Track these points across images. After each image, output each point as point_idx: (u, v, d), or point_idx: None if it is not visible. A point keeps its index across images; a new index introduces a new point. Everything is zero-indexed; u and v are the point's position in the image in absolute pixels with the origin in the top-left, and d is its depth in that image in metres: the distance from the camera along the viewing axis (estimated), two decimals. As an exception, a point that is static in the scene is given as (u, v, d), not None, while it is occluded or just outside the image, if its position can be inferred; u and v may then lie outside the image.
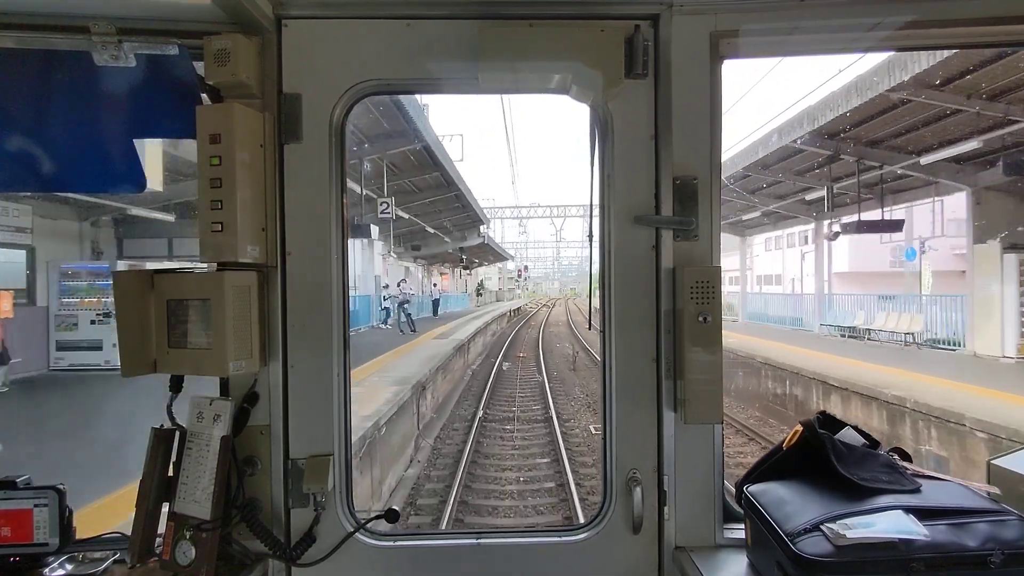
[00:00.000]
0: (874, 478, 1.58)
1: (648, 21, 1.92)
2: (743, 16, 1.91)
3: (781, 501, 1.60)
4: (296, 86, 1.92)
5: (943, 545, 1.39)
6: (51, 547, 1.82)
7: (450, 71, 1.97)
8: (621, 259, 1.97)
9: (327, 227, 1.94)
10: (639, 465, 1.96)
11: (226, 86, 1.84)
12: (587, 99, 1.95)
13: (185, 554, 1.72)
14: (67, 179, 2.09)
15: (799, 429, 1.73)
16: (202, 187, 1.74)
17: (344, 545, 1.95)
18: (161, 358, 1.79)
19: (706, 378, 1.86)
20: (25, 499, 1.83)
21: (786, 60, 9.94)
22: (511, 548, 2.00)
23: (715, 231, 1.95)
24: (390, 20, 1.93)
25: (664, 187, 1.93)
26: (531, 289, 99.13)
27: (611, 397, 1.98)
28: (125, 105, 1.94)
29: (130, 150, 1.96)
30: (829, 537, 1.41)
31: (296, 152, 1.92)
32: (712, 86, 1.93)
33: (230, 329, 1.72)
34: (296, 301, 1.94)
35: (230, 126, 1.74)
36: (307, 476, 1.91)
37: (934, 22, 1.90)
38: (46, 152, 1.97)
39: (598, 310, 2.11)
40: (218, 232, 1.74)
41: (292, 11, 1.91)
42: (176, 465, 1.81)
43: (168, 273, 1.80)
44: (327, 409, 1.95)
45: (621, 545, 1.97)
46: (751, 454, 11.92)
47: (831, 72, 50.37)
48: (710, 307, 1.85)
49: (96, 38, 1.78)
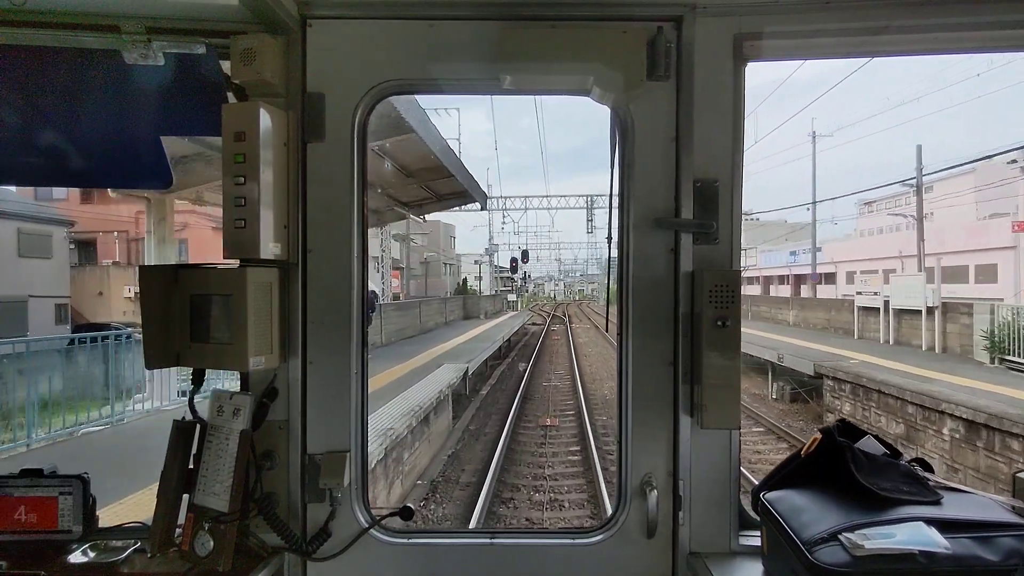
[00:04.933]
0: (894, 488, 1.55)
1: (671, 23, 1.91)
2: (768, 18, 1.89)
3: (798, 509, 1.58)
4: (320, 85, 1.94)
5: (964, 558, 1.36)
6: (74, 534, 1.87)
7: (472, 71, 1.98)
8: (640, 261, 1.96)
9: (348, 225, 1.96)
10: (654, 469, 1.95)
11: (251, 85, 1.87)
12: (608, 101, 1.95)
13: (204, 545, 1.75)
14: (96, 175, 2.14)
15: (818, 437, 1.71)
16: (226, 184, 1.77)
17: (359, 541, 1.96)
18: (184, 351, 1.82)
19: (724, 383, 1.85)
20: (51, 487, 1.88)
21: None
22: (524, 549, 2.00)
23: (735, 234, 1.94)
24: (413, 21, 1.94)
25: (684, 190, 1.92)
26: (531, 290, 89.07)
27: (627, 400, 1.97)
28: (153, 103, 1.98)
29: (157, 147, 2.00)
30: (847, 547, 1.39)
31: (318, 151, 1.94)
32: (735, 88, 1.92)
33: (251, 325, 1.75)
34: (316, 298, 1.96)
35: (254, 124, 1.76)
36: (324, 472, 1.93)
37: (965, 25, 1.87)
38: (76, 148, 2.01)
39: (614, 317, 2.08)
40: (241, 229, 1.76)
41: (317, 11, 1.93)
42: (196, 458, 1.84)
43: (192, 268, 1.83)
44: (344, 406, 1.97)
45: (635, 549, 1.96)
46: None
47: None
48: (729, 311, 1.84)
49: (126, 37, 1.82)
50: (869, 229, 54.64)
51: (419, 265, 50.71)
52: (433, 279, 54.48)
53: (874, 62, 13.60)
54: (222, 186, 1.78)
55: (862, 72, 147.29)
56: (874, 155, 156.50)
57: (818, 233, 37.57)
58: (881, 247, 40.91)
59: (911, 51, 2.02)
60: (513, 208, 47.52)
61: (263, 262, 1.82)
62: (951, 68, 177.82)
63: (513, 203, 47.24)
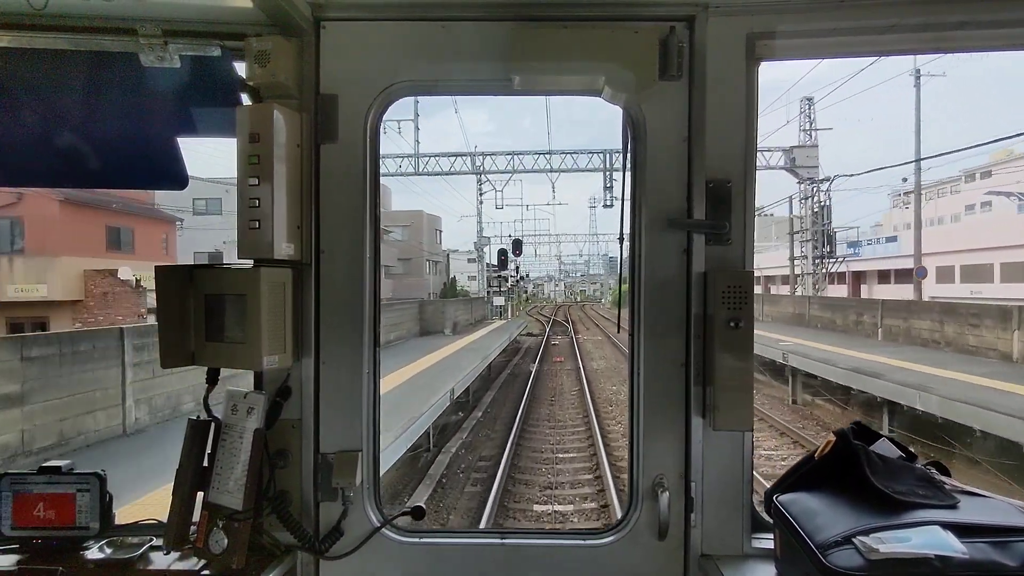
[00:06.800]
0: (910, 491, 1.53)
1: (683, 22, 1.90)
2: (781, 17, 1.88)
3: (812, 512, 1.57)
4: (333, 87, 1.95)
5: (982, 564, 1.34)
6: (92, 531, 1.89)
7: (484, 72, 1.99)
8: (652, 262, 1.95)
9: (360, 226, 1.97)
10: (666, 471, 1.94)
11: (265, 87, 1.89)
12: (620, 101, 1.95)
13: (218, 542, 1.76)
14: (113, 176, 2.17)
15: (832, 439, 1.69)
16: (241, 185, 1.79)
17: (371, 540, 1.97)
18: (199, 351, 1.84)
19: (737, 384, 1.84)
20: (68, 484, 1.90)
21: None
22: (536, 549, 2.00)
23: (748, 235, 1.93)
24: (425, 22, 1.95)
25: (697, 190, 1.91)
26: (531, 291, 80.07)
27: (639, 401, 1.97)
28: (169, 105, 2.01)
29: (173, 148, 2.03)
30: (861, 551, 1.38)
31: (331, 152, 1.96)
32: (748, 88, 1.91)
33: (265, 324, 1.76)
34: (329, 298, 1.97)
35: (268, 126, 1.77)
36: (336, 471, 1.94)
37: (983, 23, 1.84)
38: (94, 150, 2.04)
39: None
40: (255, 229, 1.78)
41: (330, 13, 1.94)
42: (211, 456, 1.86)
43: (207, 268, 1.85)
44: (357, 405, 1.98)
45: (646, 551, 1.95)
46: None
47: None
48: (742, 312, 1.82)
49: (143, 40, 1.84)
50: (953, 213, 43.79)
51: (397, 263, 44.40)
52: (415, 278, 45.79)
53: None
54: (236, 187, 1.79)
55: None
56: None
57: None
58: (991, 233, 30.50)
59: (924, 49, 2.01)
60: (495, 172, 33.67)
61: (277, 262, 1.83)
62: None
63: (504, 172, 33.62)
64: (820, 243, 31.95)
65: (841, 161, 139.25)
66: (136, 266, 25.73)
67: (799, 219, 33.48)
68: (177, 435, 1.85)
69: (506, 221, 55.32)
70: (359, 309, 1.98)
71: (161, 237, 32.52)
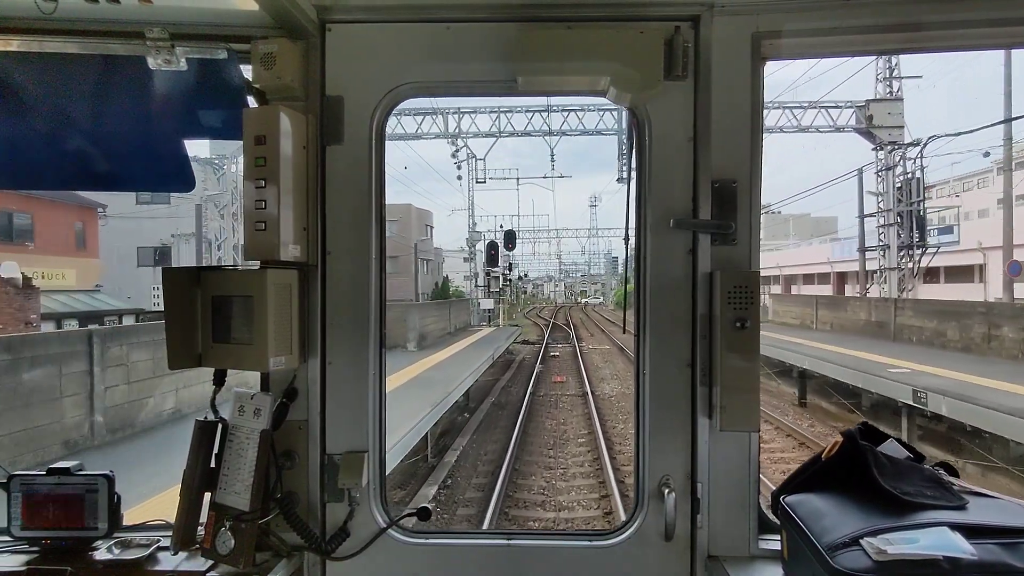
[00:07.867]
0: (918, 492, 1.52)
1: (688, 22, 1.90)
2: (786, 16, 1.87)
3: (819, 513, 1.56)
4: (338, 89, 1.96)
5: (991, 565, 1.33)
6: (100, 531, 1.90)
7: (489, 73, 1.99)
8: (657, 262, 1.95)
9: (366, 227, 1.98)
10: (672, 471, 1.94)
11: (271, 89, 1.90)
12: (625, 101, 1.95)
13: (225, 543, 1.77)
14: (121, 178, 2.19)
15: (839, 440, 1.69)
16: (247, 187, 1.79)
17: (377, 541, 1.98)
18: (206, 352, 1.85)
19: (743, 384, 1.83)
20: (77, 485, 1.91)
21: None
22: (541, 551, 2.00)
23: (754, 235, 1.92)
24: (431, 24, 1.95)
25: (702, 190, 1.91)
26: (530, 291, 78.20)
27: (644, 401, 1.97)
28: (176, 107, 2.02)
29: (180, 151, 2.04)
30: (869, 552, 1.37)
31: (337, 153, 1.96)
32: (753, 88, 1.90)
33: (271, 326, 1.77)
34: (335, 299, 1.98)
35: (275, 128, 1.78)
36: (342, 472, 1.95)
37: (985, 21, 1.84)
38: (102, 152, 2.06)
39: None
40: (261, 231, 1.78)
41: (336, 15, 1.95)
42: (218, 457, 1.86)
43: (214, 270, 1.86)
44: (363, 406, 1.99)
45: (653, 552, 1.95)
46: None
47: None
48: (748, 312, 1.82)
49: (151, 43, 1.86)
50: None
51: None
52: (404, 278, 40.16)
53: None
54: (243, 189, 1.80)
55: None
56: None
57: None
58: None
59: (929, 48, 2.00)
60: (476, 136, 26.76)
61: (283, 264, 1.84)
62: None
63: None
64: (909, 227, 22.74)
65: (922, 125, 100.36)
66: (34, 261, 21.02)
67: (877, 196, 23.81)
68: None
69: (503, 215, 52.47)
70: (365, 310, 1.98)
71: (73, 227, 26.45)
